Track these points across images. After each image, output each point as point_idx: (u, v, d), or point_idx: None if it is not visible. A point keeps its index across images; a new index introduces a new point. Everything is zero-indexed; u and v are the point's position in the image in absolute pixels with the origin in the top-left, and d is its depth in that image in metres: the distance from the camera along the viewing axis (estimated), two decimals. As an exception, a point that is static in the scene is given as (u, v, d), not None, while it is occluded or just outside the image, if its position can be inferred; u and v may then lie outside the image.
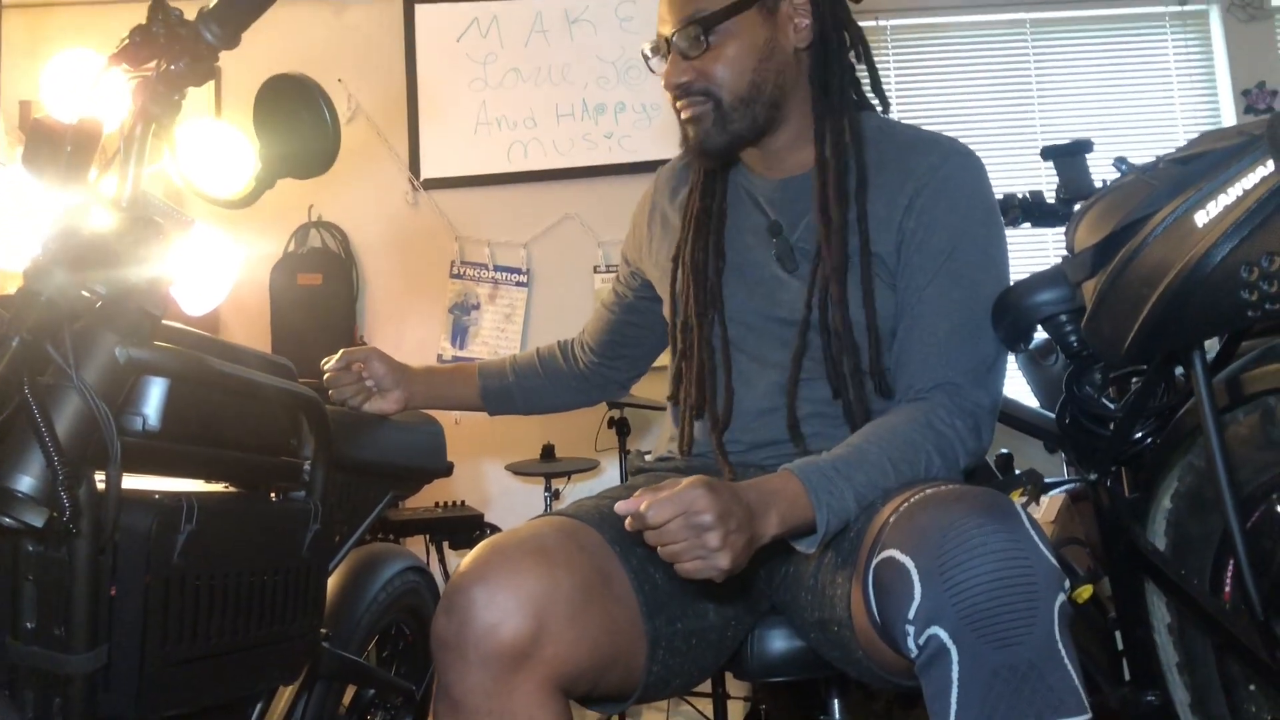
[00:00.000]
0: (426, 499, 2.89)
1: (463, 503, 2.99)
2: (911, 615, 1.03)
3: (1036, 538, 1.04)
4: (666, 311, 1.56)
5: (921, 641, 1.02)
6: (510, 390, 1.83)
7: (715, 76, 1.41)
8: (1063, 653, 1.00)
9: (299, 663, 1.53)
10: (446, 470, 2.01)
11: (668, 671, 1.26)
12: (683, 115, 1.45)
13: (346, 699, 1.91)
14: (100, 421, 1.12)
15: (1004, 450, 2.17)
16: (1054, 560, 1.03)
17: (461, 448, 3.26)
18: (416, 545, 3.06)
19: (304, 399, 1.47)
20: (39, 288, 1.11)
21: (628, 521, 1.09)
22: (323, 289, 3.46)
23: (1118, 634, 1.67)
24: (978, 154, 1.47)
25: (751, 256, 1.48)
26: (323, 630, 1.70)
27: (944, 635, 1.00)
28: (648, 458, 1.60)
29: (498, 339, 3.38)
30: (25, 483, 1.09)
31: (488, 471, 3.20)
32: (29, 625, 1.17)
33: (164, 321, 1.26)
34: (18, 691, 1.20)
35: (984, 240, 1.40)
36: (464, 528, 2.91)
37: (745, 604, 1.37)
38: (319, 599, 1.55)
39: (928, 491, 1.12)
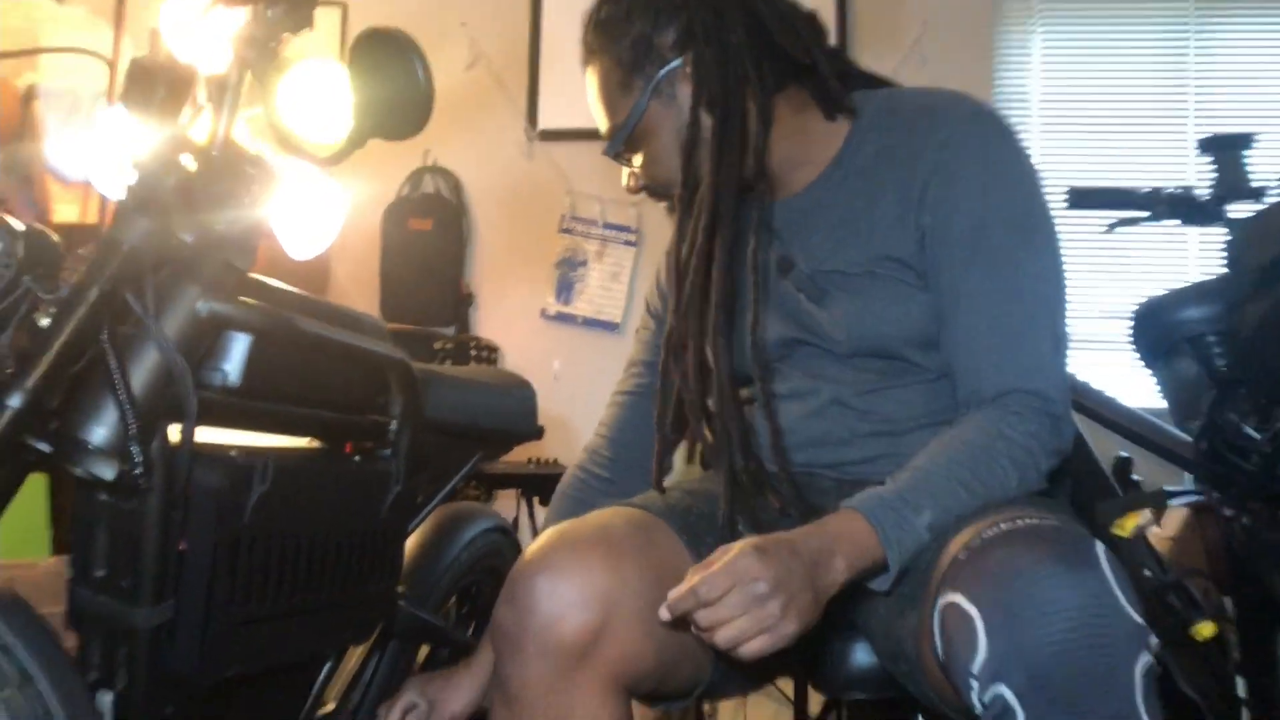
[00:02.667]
0: (520, 454, 2.86)
1: (555, 460, 2.96)
2: (976, 670, 0.93)
3: (1118, 590, 0.92)
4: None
5: (986, 699, 0.93)
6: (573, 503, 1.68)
7: (656, 176, 1.37)
8: None
9: (371, 624, 1.51)
10: (536, 434, 1.97)
11: (730, 677, 1.19)
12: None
13: (421, 657, 1.90)
14: (177, 376, 1.09)
15: (1123, 454, 2.02)
16: (1138, 617, 0.92)
17: (558, 406, 3.24)
18: (508, 500, 3.05)
19: (392, 360, 1.43)
20: (122, 235, 1.08)
21: (669, 609, 1.00)
22: (432, 235, 3.45)
23: (1239, 679, 1.54)
24: (1020, 122, 1.33)
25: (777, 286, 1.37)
26: (399, 589, 1.68)
27: (1010, 696, 0.91)
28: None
29: (603, 297, 3.33)
30: (98, 435, 1.07)
31: (583, 432, 3.16)
32: (98, 574, 1.16)
33: (251, 275, 1.23)
34: (86, 638, 1.19)
35: (1017, 213, 1.23)
36: (555, 486, 2.87)
37: (823, 616, 1.29)
38: (396, 561, 1.52)
39: (1001, 527, 1.01)
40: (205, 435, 1.23)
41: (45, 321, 1.04)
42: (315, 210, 1.41)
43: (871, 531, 1.08)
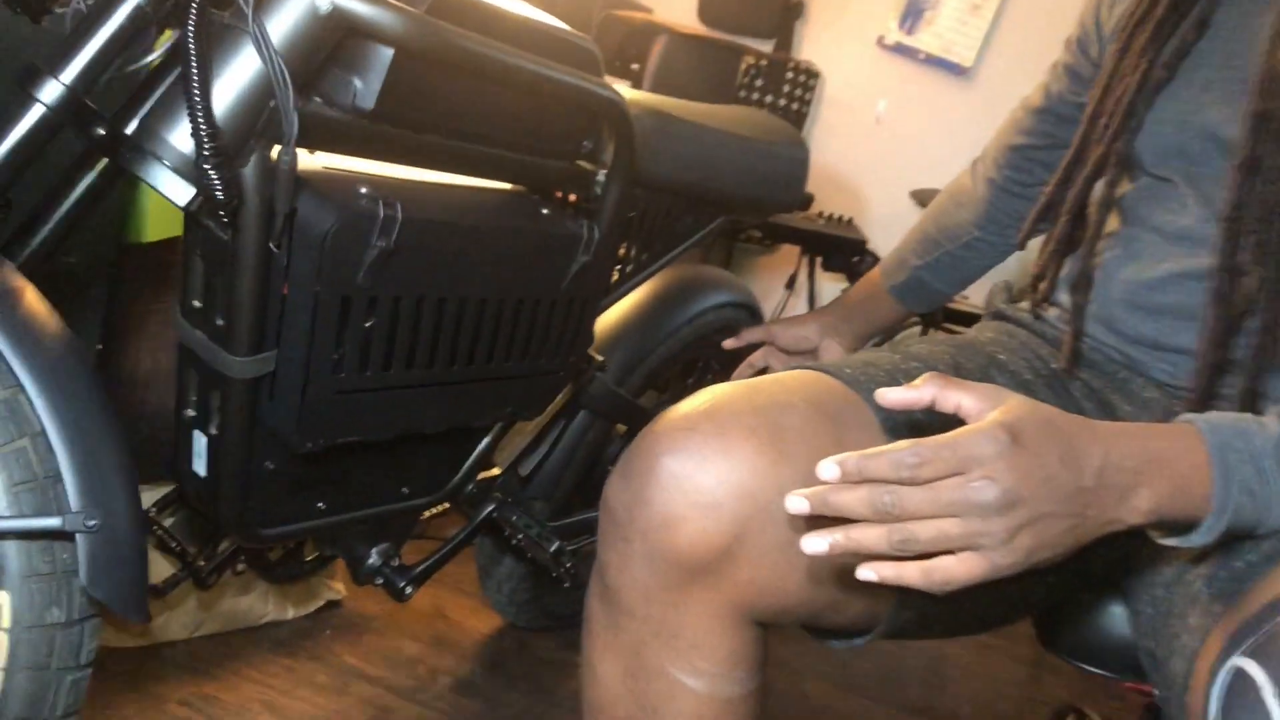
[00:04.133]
0: (813, 206, 2.51)
1: (850, 220, 2.58)
2: None
3: None
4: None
5: None
6: (920, 280, 1.31)
7: None
8: None
9: (535, 404, 1.29)
10: (799, 203, 1.62)
11: (926, 618, 0.88)
12: None
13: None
14: (275, 84, 0.85)
15: None
16: None
17: (871, 155, 2.82)
18: (788, 256, 2.73)
19: (600, 99, 1.12)
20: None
21: (829, 468, 0.68)
22: (770, -74, 2.95)
23: None
24: None
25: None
26: (598, 359, 1.45)
27: None
28: (1020, 305, 1.12)
29: (955, 32, 2.76)
30: (171, 152, 0.85)
31: (885, 190, 2.74)
32: (195, 304, 0.99)
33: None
34: (184, 371, 1.04)
35: None
36: (842, 249, 2.53)
37: (1075, 565, 0.93)
38: (580, 335, 1.28)
39: None
40: (351, 165, 1.01)
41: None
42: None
43: (1208, 475, 0.71)
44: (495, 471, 1.42)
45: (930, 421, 0.74)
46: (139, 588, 0.85)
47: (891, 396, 0.71)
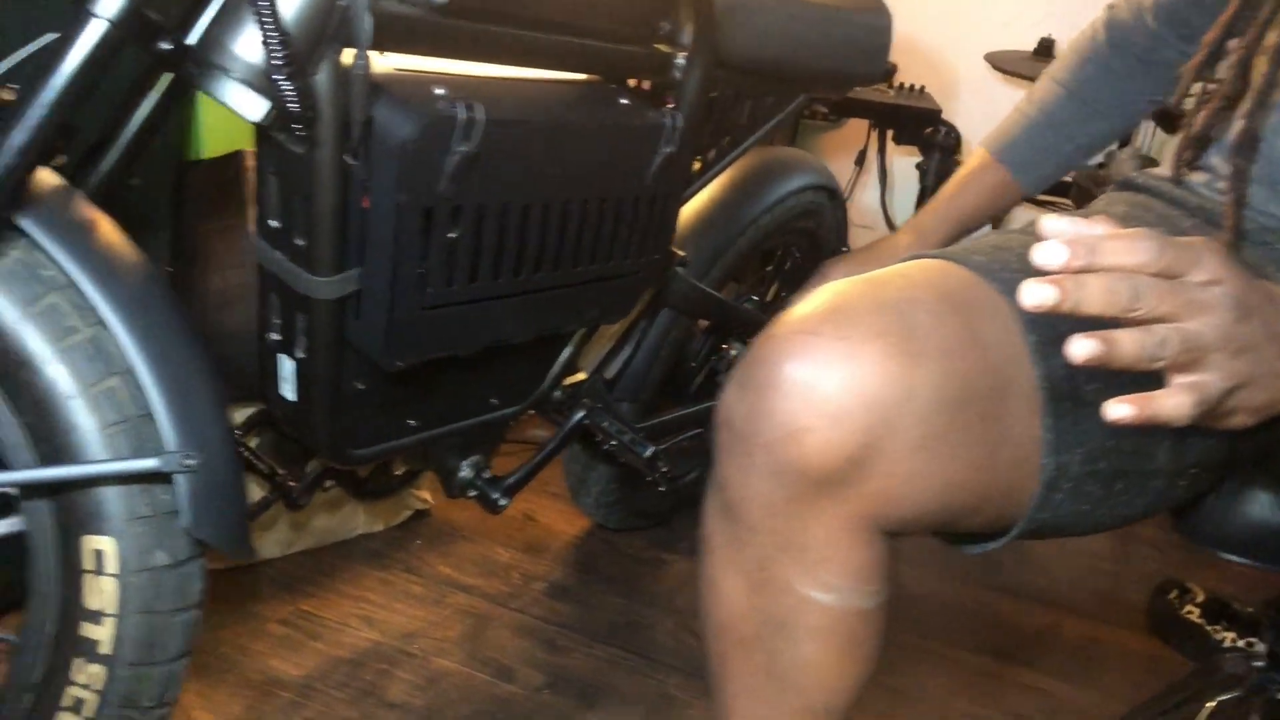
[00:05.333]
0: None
1: (922, 89, 2.46)
2: None
3: None
4: None
5: None
6: (1043, 144, 1.17)
7: None
8: None
9: (620, 306, 1.24)
10: (881, 75, 1.53)
11: (1061, 519, 0.83)
12: None
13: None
14: (345, -16, 0.78)
15: None
16: None
17: (929, 25, 2.66)
18: (858, 130, 2.61)
19: (677, -27, 1.04)
20: None
21: (1042, 252, 0.55)
22: None
23: None
24: None
25: None
26: (679, 254, 1.39)
27: None
28: (1155, 172, 1.03)
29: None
30: (239, 64, 0.79)
31: (960, 57, 2.60)
32: (274, 225, 0.94)
33: None
34: (265, 294, 1.00)
35: None
36: (915, 121, 2.41)
37: (1224, 454, 0.88)
38: (663, 232, 1.22)
39: None
40: (421, 65, 0.94)
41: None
42: None
43: None
44: (581, 376, 1.38)
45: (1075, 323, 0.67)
46: (241, 524, 0.82)
47: (1047, 224, 0.59)
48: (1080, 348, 0.55)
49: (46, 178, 0.78)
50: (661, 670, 1.43)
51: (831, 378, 0.71)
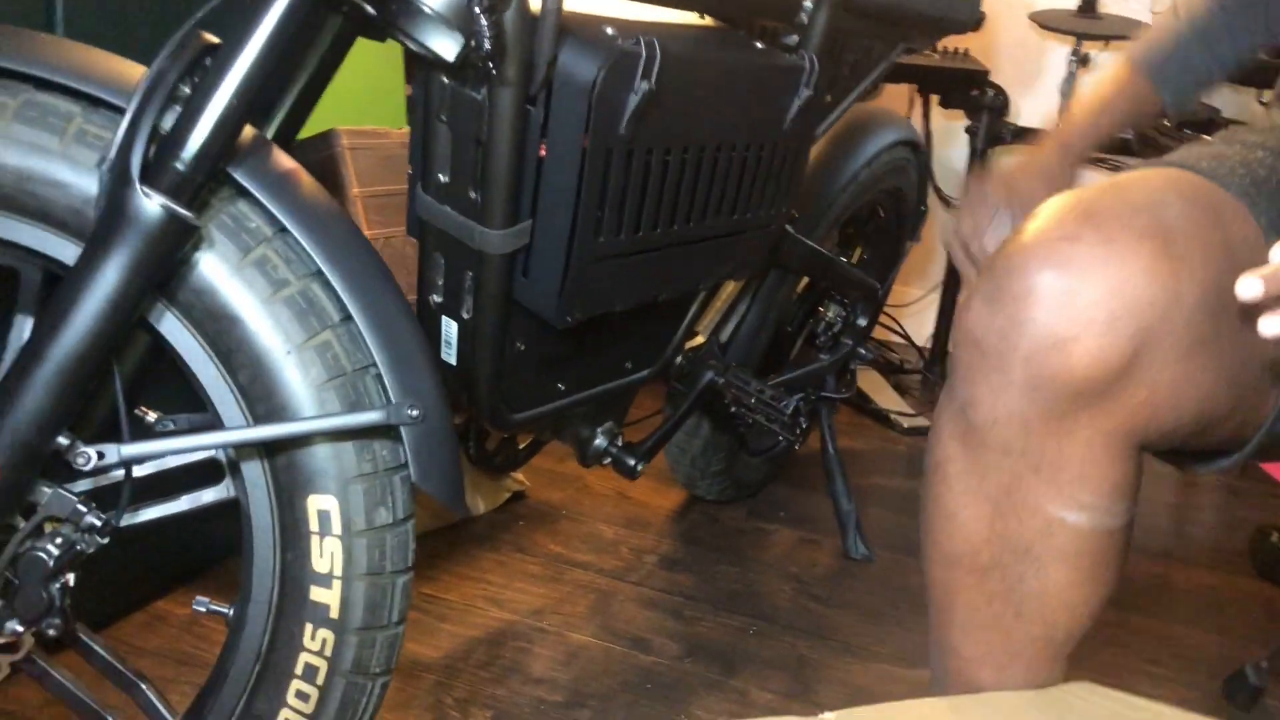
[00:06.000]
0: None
1: (966, 51, 2.44)
2: None
3: None
4: None
5: None
6: (1188, 51, 1.12)
7: None
8: None
9: (759, 258, 1.22)
10: (976, 22, 1.50)
11: None
12: None
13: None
14: (540, -86, 0.75)
15: None
16: None
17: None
18: (899, 95, 2.60)
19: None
20: None
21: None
22: None
23: None
24: None
25: None
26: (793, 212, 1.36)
27: None
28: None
29: None
30: (434, -4, 0.76)
31: (1001, 15, 2.59)
32: (441, 178, 0.91)
33: None
34: (426, 253, 0.97)
35: None
36: (960, 83, 2.40)
37: None
38: (795, 182, 1.19)
39: None
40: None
41: None
42: None
43: None
44: (699, 340, 1.35)
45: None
46: (459, 477, 0.79)
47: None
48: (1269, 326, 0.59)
49: (248, 129, 0.75)
50: (790, 634, 1.41)
51: (1096, 283, 0.69)
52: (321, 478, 0.74)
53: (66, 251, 0.71)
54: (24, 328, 0.75)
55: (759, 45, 1.08)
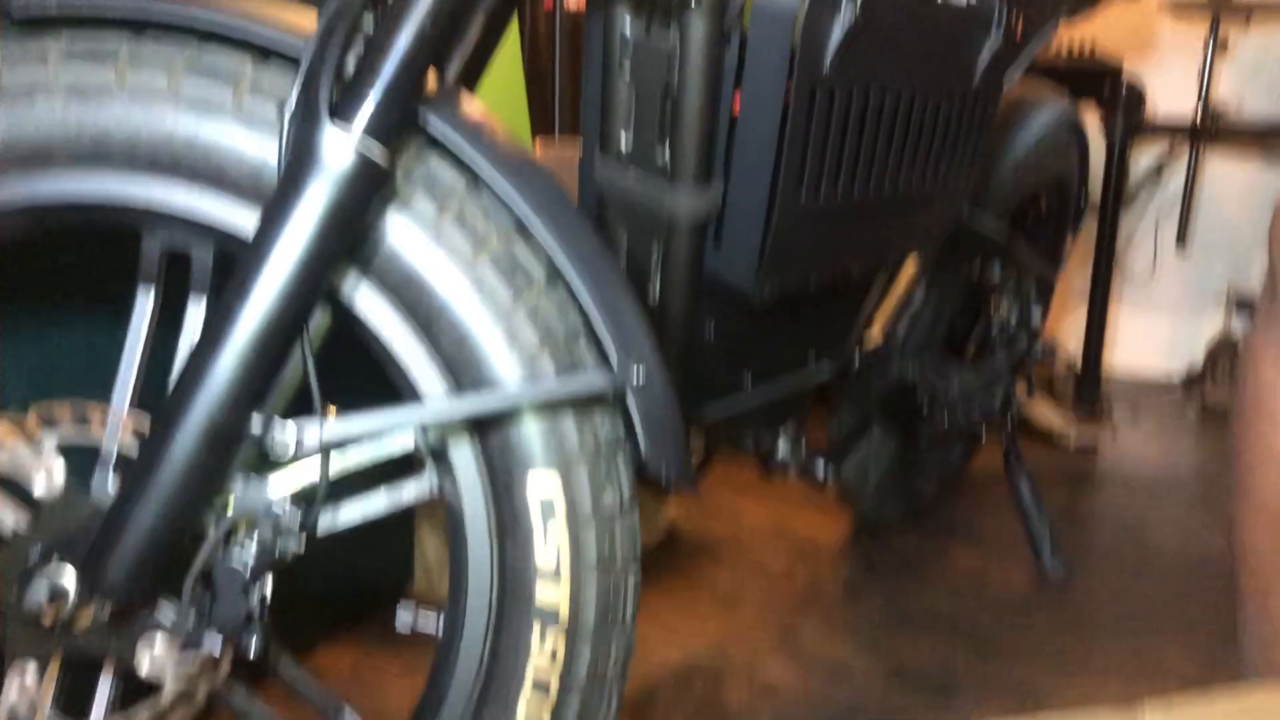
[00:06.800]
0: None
1: (1093, 48, 2.33)
2: None
3: None
4: None
5: None
6: None
7: None
8: None
9: (944, 228, 1.11)
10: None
11: None
12: None
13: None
14: None
15: None
16: None
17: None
18: (1025, 97, 2.48)
19: None
20: None
21: None
22: None
23: None
24: None
25: None
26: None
27: None
28: None
29: None
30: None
31: (1133, 5, 2.46)
32: (623, 140, 0.82)
33: None
34: (608, 228, 0.88)
35: None
36: (1093, 80, 2.28)
37: None
38: (980, 144, 1.09)
39: None
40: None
41: None
42: None
43: None
44: (876, 333, 1.25)
45: None
46: (686, 451, 0.69)
47: None
48: None
49: (432, 75, 0.67)
50: (1005, 660, 1.27)
51: None
52: (541, 458, 0.65)
53: (243, 220, 0.64)
54: (197, 314, 0.67)
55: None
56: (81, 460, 0.66)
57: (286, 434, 0.61)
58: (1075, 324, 2.50)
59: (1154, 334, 2.66)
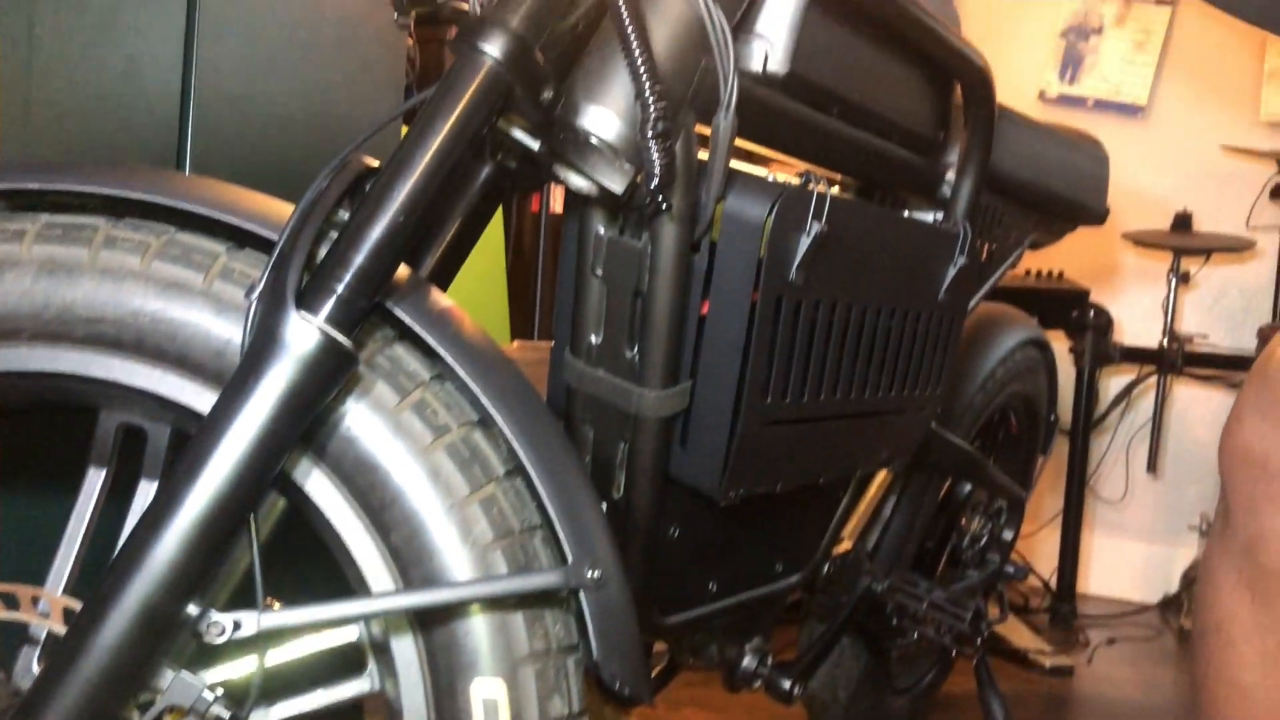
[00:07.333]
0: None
1: (1061, 274, 2.41)
2: None
3: None
4: None
5: None
6: None
7: None
8: None
9: (910, 442, 1.11)
10: (1103, 215, 1.45)
11: None
12: None
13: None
14: (715, 42, 0.71)
15: None
16: None
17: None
18: (996, 319, 2.55)
19: (970, 64, 0.98)
20: None
21: None
22: None
23: None
24: None
25: None
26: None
27: None
28: None
29: (1121, 73, 2.64)
30: (606, 125, 0.71)
31: (1098, 236, 2.57)
32: (593, 340, 0.83)
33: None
34: (574, 425, 0.88)
35: None
36: (1061, 305, 2.35)
37: None
38: (947, 359, 1.10)
39: None
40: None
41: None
42: None
43: None
44: (846, 546, 1.23)
45: None
46: (642, 658, 0.67)
47: None
48: None
49: (403, 268, 0.69)
50: None
51: None
52: (487, 658, 0.62)
53: (203, 400, 0.64)
54: (147, 494, 0.66)
55: (906, 212, 1.03)
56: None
57: (222, 623, 0.58)
58: (1049, 547, 2.48)
59: (1129, 559, 2.64)
